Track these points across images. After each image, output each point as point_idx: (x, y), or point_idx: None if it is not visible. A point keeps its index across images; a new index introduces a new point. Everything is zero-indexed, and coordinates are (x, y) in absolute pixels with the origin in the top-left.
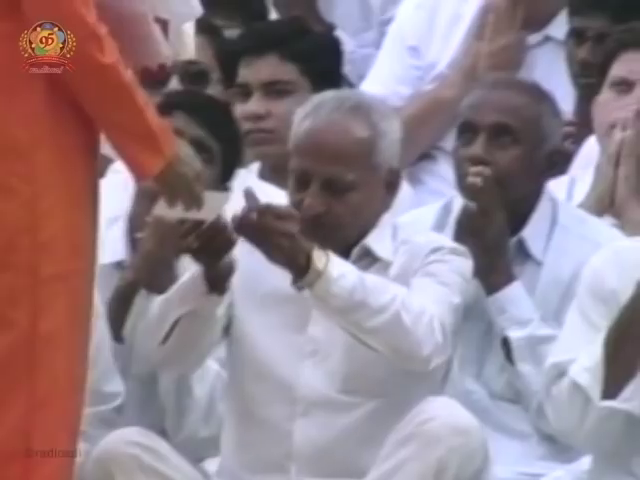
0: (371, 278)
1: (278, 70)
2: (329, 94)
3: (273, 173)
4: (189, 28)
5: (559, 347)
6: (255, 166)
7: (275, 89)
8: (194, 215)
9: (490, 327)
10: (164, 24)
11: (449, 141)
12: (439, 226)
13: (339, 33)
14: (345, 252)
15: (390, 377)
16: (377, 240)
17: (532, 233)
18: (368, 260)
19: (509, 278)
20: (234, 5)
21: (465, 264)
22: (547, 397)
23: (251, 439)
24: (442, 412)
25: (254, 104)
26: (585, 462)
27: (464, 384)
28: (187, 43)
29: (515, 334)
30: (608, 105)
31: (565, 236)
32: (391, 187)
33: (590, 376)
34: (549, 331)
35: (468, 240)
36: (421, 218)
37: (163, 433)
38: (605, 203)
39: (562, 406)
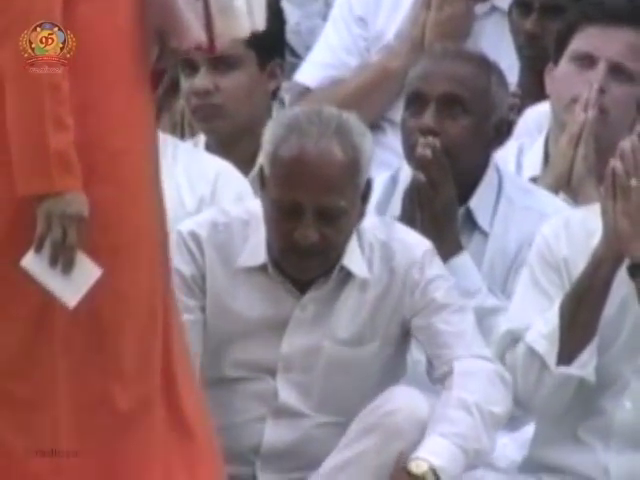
0: (445, 418)
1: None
2: (303, 113)
3: (221, 147)
4: (242, 5)
5: (512, 314)
6: (202, 138)
7: (222, 63)
8: (55, 282)
9: None
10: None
11: (397, 112)
12: (386, 197)
13: (284, 4)
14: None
15: (364, 401)
16: (352, 258)
17: (479, 204)
18: (344, 277)
19: (457, 249)
20: None
21: (434, 250)
22: (501, 363)
23: (221, 427)
24: (405, 404)
25: (202, 80)
26: (529, 430)
27: (412, 354)
28: (238, 20)
29: None
30: (569, 79)
31: (510, 207)
32: (365, 197)
33: (547, 342)
34: (496, 302)
35: (417, 211)
36: None
37: None
38: (563, 182)
39: (517, 372)
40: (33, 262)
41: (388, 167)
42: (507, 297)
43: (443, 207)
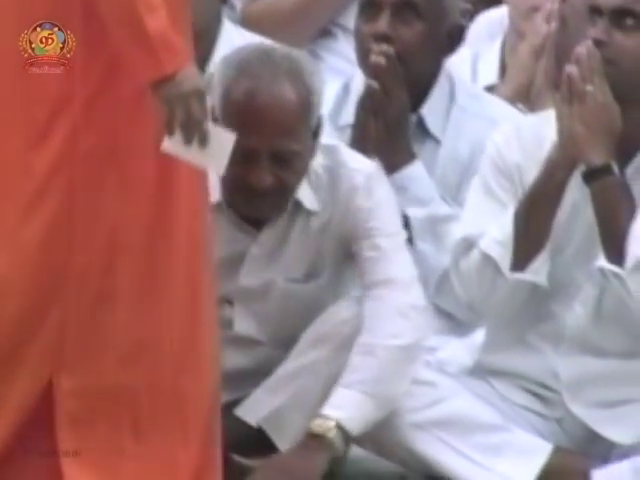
0: (349, 367)
1: None
2: (253, 53)
3: None
4: None
5: (465, 222)
6: None
7: None
8: (198, 156)
9: None
10: None
11: (349, 18)
12: (339, 105)
13: None
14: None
15: None
16: (303, 191)
17: (431, 111)
18: (296, 210)
19: (410, 157)
20: None
21: (379, 172)
22: (455, 270)
23: None
24: (354, 315)
25: None
26: (479, 335)
27: None
28: None
29: (415, 213)
30: None
31: (462, 114)
32: (317, 134)
33: (500, 248)
34: (449, 210)
35: (370, 119)
36: None
37: None
38: (522, 94)
39: (471, 278)
40: (172, 145)
41: (340, 73)
42: (459, 205)
43: (396, 115)
